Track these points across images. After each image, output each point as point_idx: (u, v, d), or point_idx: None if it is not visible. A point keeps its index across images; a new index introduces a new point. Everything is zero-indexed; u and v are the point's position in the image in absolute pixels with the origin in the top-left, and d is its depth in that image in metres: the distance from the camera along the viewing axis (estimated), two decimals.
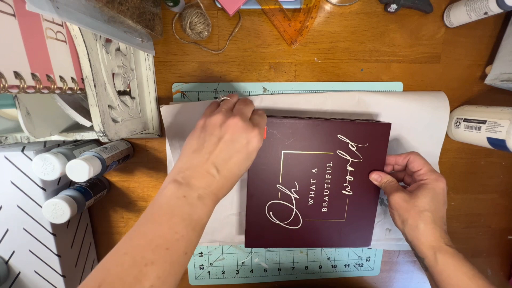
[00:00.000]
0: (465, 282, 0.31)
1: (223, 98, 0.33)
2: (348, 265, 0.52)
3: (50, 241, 0.37)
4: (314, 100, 0.42)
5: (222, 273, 0.50)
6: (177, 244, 0.24)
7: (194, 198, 0.26)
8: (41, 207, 0.36)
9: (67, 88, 0.28)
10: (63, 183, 0.39)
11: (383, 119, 0.43)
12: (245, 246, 0.41)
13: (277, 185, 0.39)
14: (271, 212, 0.40)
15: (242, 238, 0.45)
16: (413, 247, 0.36)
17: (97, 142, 0.43)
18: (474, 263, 0.54)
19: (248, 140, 0.28)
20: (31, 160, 0.34)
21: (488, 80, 0.43)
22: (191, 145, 0.29)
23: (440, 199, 0.35)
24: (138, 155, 0.44)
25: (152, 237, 0.23)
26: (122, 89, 0.35)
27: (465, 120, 0.42)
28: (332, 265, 0.51)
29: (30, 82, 0.24)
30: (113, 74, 0.34)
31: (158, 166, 0.45)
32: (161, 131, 0.43)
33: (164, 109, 0.39)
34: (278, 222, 0.41)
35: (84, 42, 0.27)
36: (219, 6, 0.37)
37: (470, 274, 0.31)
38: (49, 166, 0.33)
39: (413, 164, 0.37)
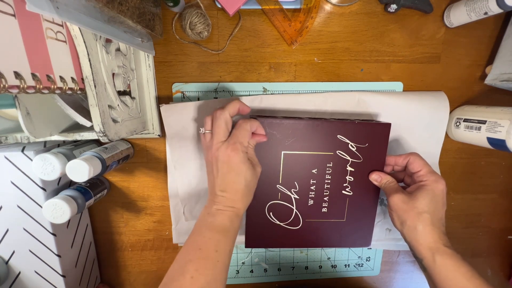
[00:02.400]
0: (463, 283, 0.31)
1: (204, 131, 0.35)
2: (348, 265, 0.52)
3: (50, 241, 0.37)
4: (314, 100, 0.42)
5: None
6: (206, 244, 0.30)
7: (214, 211, 0.33)
8: (41, 207, 0.36)
9: (67, 88, 0.28)
10: (63, 183, 0.39)
11: (383, 119, 0.43)
12: (245, 247, 0.41)
13: (277, 186, 0.39)
14: (271, 213, 0.40)
15: (242, 238, 0.45)
16: (411, 248, 0.36)
17: (97, 142, 0.43)
18: (474, 263, 0.54)
19: (228, 162, 0.32)
20: (31, 160, 0.34)
21: (488, 80, 0.43)
22: (207, 179, 0.36)
23: (439, 201, 0.35)
24: (138, 155, 0.44)
25: (189, 244, 0.31)
26: (122, 89, 0.35)
27: (465, 120, 0.42)
28: (332, 265, 0.51)
29: (30, 82, 0.24)
30: (113, 74, 0.34)
31: (158, 166, 0.45)
32: (161, 131, 0.43)
33: (164, 108, 0.39)
34: (278, 222, 0.41)
35: (84, 42, 0.27)
36: (219, 6, 0.37)
37: (468, 275, 0.31)
38: (49, 166, 0.33)
39: (412, 165, 0.37)
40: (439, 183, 0.35)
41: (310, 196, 0.40)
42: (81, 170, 0.32)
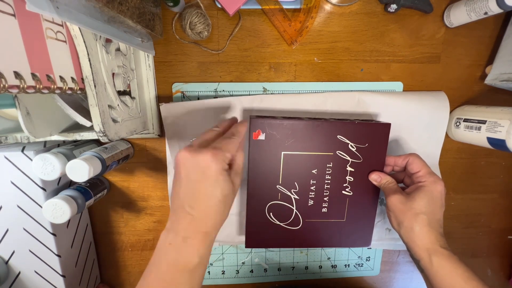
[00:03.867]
0: (460, 284, 0.31)
1: (193, 140, 0.31)
2: (348, 265, 0.52)
3: (50, 241, 0.37)
4: (314, 100, 0.42)
5: (222, 273, 0.50)
6: None
7: (179, 242, 0.26)
8: (41, 207, 0.36)
9: (67, 88, 0.28)
10: (63, 183, 0.39)
11: (383, 119, 0.43)
12: (245, 247, 0.41)
13: (277, 186, 0.39)
14: (271, 213, 0.40)
15: (242, 238, 0.45)
16: (408, 249, 0.36)
17: (97, 142, 0.43)
18: (474, 263, 0.55)
19: (202, 167, 0.26)
20: (31, 160, 0.34)
21: (488, 80, 0.43)
22: (172, 193, 0.29)
23: (437, 202, 0.35)
24: (138, 155, 0.44)
25: (146, 286, 0.26)
26: (122, 89, 0.35)
27: (465, 120, 0.42)
28: (332, 265, 0.51)
29: (30, 82, 0.24)
30: (113, 74, 0.34)
31: (158, 166, 0.45)
32: (161, 131, 0.43)
33: (163, 107, 0.39)
34: (278, 222, 0.41)
35: (84, 42, 0.27)
36: (219, 6, 0.37)
37: (465, 276, 0.31)
38: (49, 166, 0.33)
39: (412, 166, 0.37)
40: (438, 184, 0.35)
41: (310, 196, 0.40)
42: (81, 170, 0.32)
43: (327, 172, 0.39)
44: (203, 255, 0.27)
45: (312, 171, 0.39)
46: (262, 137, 0.37)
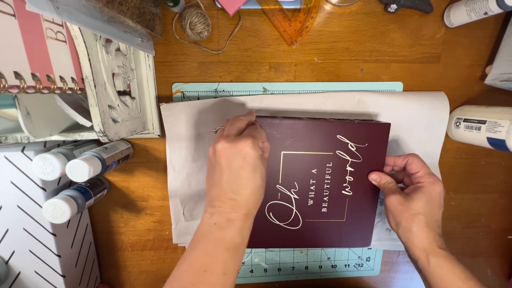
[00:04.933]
0: (457, 284, 0.31)
1: (217, 128, 0.33)
2: (348, 265, 0.52)
3: (50, 241, 0.37)
4: (314, 100, 0.42)
5: None
6: (213, 266, 0.26)
7: (224, 222, 0.28)
8: (41, 207, 0.36)
9: (67, 88, 0.28)
10: (63, 183, 0.39)
11: (382, 119, 0.43)
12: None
13: (277, 186, 0.39)
14: (271, 213, 0.40)
15: None
16: (406, 249, 0.36)
17: (97, 142, 0.43)
18: (474, 263, 0.55)
19: (243, 154, 0.28)
20: (31, 160, 0.34)
21: (488, 80, 0.43)
22: (208, 183, 0.31)
23: (435, 203, 0.35)
24: (138, 155, 0.44)
25: (192, 262, 0.27)
26: (122, 89, 0.35)
27: (465, 120, 0.42)
28: (332, 265, 0.51)
29: (30, 82, 0.24)
30: (113, 74, 0.34)
31: (158, 166, 0.45)
32: (161, 131, 0.43)
33: (163, 107, 0.39)
34: (278, 222, 0.41)
35: (84, 42, 0.27)
36: (219, 6, 0.37)
37: (462, 276, 0.31)
38: (49, 166, 0.33)
39: (411, 166, 0.37)
40: (436, 185, 0.35)
41: (310, 196, 0.40)
42: (81, 170, 0.32)
43: (327, 172, 0.39)
44: (245, 235, 0.29)
45: (312, 171, 0.39)
46: None
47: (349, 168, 0.39)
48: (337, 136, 0.38)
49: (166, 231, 0.48)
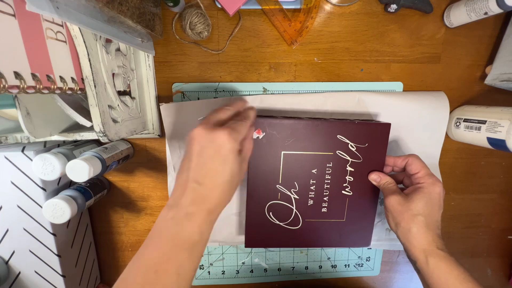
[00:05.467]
0: (455, 285, 0.31)
1: (202, 117, 0.32)
2: (348, 265, 0.52)
3: (50, 241, 0.37)
4: (314, 100, 0.42)
5: (222, 273, 0.50)
6: (165, 265, 0.24)
7: (181, 217, 0.26)
8: (41, 207, 0.36)
9: (67, 88, 0.28)
10: (63, 183, 0.39)
11: (383, 119, 0.43)
12: (245, 246, 0.41)
13: (277, 186, 0.39)
14: (271, 213, 0.40)
15: (242, 238, 0.45)
16: (405, 249, 0.36)
17: (97, 142, 0.43)
18: (474, 263, 0.55)
19: (217, 144, 0.26)
20: (31, 160, 0.34)
21: (488, 80, 0.43)
22: (177, 172, 0.29)
23: (435, 204, 0.34)
24: (138, 155, 0.44)
25: (144, 261, 0.25)
26: (122, 89, 0.35)
27: (465, 120, 0.42)
28: (332, 265, 0.51)
29: (30, 82, 0.24)
30: (113, 74, 0.34)
31: (158, 166, 0.45)
32: (161, 131, 0.43)
33: (163, 107, 0.40)
34: (278, 222, 0.41)
35: (84, 42, 0.27)
36: (219, 6, 0.37)
37: (461, 277, 0.31)
38: (49, 166, 0.33)
39: (411, 167, 0.37)
40: (436, 185, 0.35)
41: (310, 196, 0.40)
42: (81, 170, 0.32)
43: (327, 172, 0.39)
44: (204, 232, 0.26)
45: (312, 171, 0.39)
46: (262, 136, 0.37)
47: (349, 168, 0.39)
48: (337, 136, 0.38)
49: None
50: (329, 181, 0.40)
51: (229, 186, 0.28)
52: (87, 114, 0.32)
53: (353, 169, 0.39)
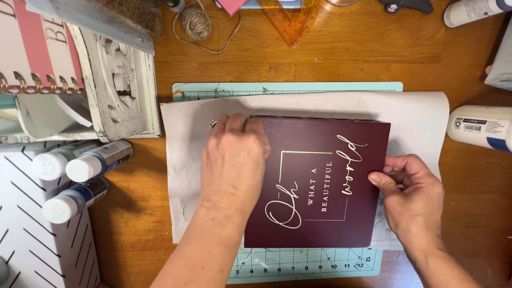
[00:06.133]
0: (455, 285, 0.31)
1: (214, 122, 0.33)
2: (348, 265, 0.52)
3: (50, 241, 0.37)
4: (314, 100, 0.42)
5: None
6: (211, 262, 0.26)
7: (222, 218, 0.27)
8: (41, 207, 0.36)
9: (67, 88, 0.28)
10: (63, 183, 0.39)
11: (382, 119, 0.43)
12: (245, 246, 0.41)
13: (277, 185, 0.39)
14: (270, 212, 0.40)
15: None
16: (405, 249, 0.36)
17: (97, 142, 0.43)
18: (474, 263, 0.55)
19: (248, 149, 0.28)
20: (31, 160, 0.34)
21: (488, 80, 0.43)
22: (204, 176, 0.31)
23: (434, 204, 0.35)
24: (138, 155, 0.44)
25: (189, 258, 0.26)
26: (122, 89, 0.35)
27: (465, 120, 0.42)
28: (332, 265, 0.51)
29: (30, 82, 0.24)
30: (113, 74, 0.34)
31: (158, 166, 0.45)
32: (161, 131, 0.43)
33: (164, 107, 0.40)
34: (277, 222, 0.41)
35: (84, 42, 0.27)
36: (219, 6, 0.37)
37: (461, 278, 0.31)
38: (49, 166, 0.33)
39: (411, 167, 0.37)
40: (436, 186, 0.35)
41: (309, 196, 0.40)
42: (81, 170, 0.32)
43: (326, 171, 0.39)
44: (241, 232, 0.29)
45: (312, 171, 0.39)
46: None
47: (349, 168, 0.39)
48: (337, 136, 0.38)
49: (166, 231, 0.48)
50: (328, 181, 0.40)
51: (259, 188, 0.30)
52: (87, 114, 0.32)
53: (352, 169, 0.39)
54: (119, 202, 0.46)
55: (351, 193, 0.40)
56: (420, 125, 0.43)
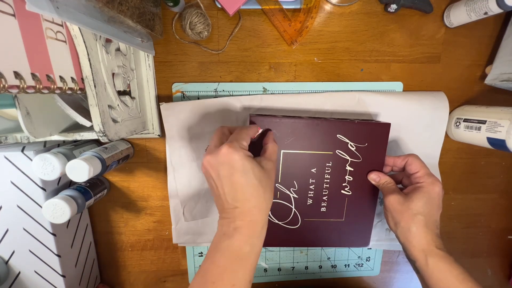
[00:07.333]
0: (455, 285, 0.31)
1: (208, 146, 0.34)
2: (348, 265, 0.52)
3: (50, 241, 0.37)
4: (314, 100, 0.42)
5: None
6: (220, 277, 0.26)
7: (231, 231, 0.28)
8: (41, 207, 0.36)
9: (67, 88, 0.28)
10: (63, 183, 0.39)
11: (382, 119, 0.43)
12: None
13: (276, 185, 0.39)
14: (270, 212, 0.40)
15: None
16: (404, 249, 0.36)
17: (97, 142, 0.43)
18: (474, 263, 0.55)
19: (224, 162, 0.28)
20: (31, 160, 0.34)
21: (488, 80, 0.43)
22: (215, 200, 0.31)
23: (434, 203, 0.35)
24: (138, 155, 0.44)
25: (202, 274, 0.27)
26: (122, 89, 0.35)
27: (465, 120, 0.42)
28: (332, 265, 0.51)
29: (30, 82, 0.24)
30: (113, 74, 0.34)
31: (158, 166, 0.45)
32: (161, 131, 0.43)
33: (164, 106, 0.40)
34: (277, 221, 0.41)
35: (84, 42, 0.27)
36: (219, 6, 0.37)
37: (460, 277, 0.31)
38: (49, 166, 0.33)
39: (410, 167, 0.37)
40: (436, 185, 0.35)
41: (309, 195, 0.40)
42: (81, 170, 0.32)
43: (326, 171, 0.39)
44: (254, 243, 0.28)
45: (312, 170, 0.39)
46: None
47: (348, 168, 0.39)
48: (337, 135, 0.38)
49: (166, 231, 0.48)
50: (328, 180, 0.40)
51: (262, 189, 0.28)
52: (87, 114, 0.32)
53: (352, 169, 0.39)
54: (119, 202, 0.46)
55: (350, 193, 0.40)
56: (420, 125, 0.43)
